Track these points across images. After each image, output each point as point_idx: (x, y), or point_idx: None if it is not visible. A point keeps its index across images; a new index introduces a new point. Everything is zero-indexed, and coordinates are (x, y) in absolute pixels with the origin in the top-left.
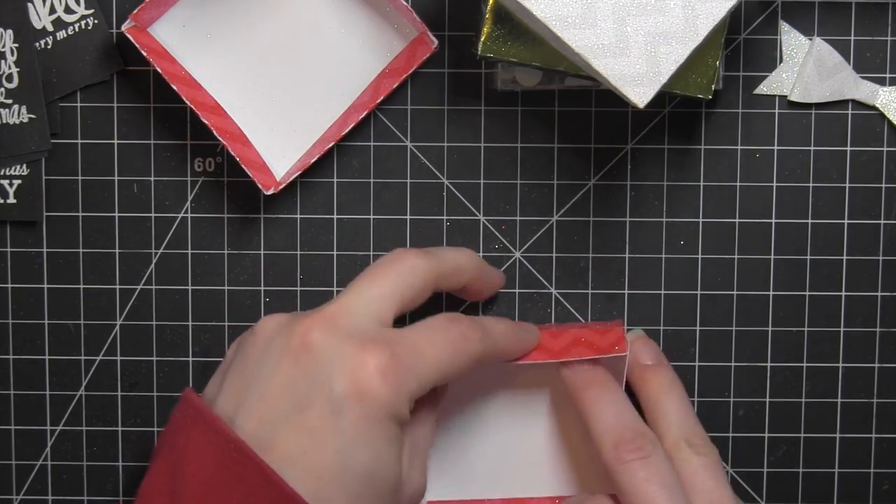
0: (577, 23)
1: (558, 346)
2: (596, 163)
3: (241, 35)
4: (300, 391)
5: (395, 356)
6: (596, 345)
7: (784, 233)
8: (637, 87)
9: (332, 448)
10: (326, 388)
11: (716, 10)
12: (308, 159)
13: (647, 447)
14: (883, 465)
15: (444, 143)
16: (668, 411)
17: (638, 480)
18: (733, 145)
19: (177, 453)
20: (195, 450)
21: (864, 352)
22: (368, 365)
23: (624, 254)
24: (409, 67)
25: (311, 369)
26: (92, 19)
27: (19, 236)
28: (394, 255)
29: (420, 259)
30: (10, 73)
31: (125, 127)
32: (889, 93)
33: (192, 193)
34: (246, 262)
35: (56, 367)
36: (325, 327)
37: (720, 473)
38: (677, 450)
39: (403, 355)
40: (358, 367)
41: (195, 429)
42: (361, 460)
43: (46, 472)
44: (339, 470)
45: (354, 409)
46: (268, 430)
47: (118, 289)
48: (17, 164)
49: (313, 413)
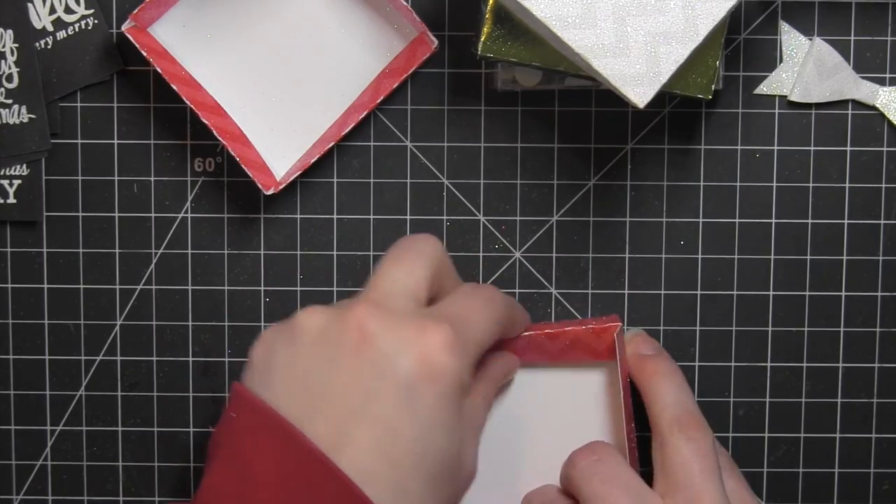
0: (577, 23)
1: (556, 349)
2: (596, 163)
3: (241, 35)
4: (367, 384)
5: (454, 329)
6: (593, 348)
7: (784, 233)
8: (637, 87)
9: (409, 435)
10: (395, 375)
11: (716, 10)
12: (308, 159)
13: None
14: (883, 465)
15: (444, 143)
16: (664, 395)
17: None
18: (733, 145)
19: (243, 458)
20: (265, 455)
21: (864, 352)
22: (433, 343)
23: (624, 254)
24: (409, 67)
25: (375, 359)
26: (92, 19)
27: (19, 236)
28: (409, 238)
29: (432, 239)
30: (10, 73)
31: (125, 127)
32: (889, 93)
33: (192, 193)
34: (246, 262)
35: (56, 367)
36: (378, 314)
37: (710, 461)
38: (669, 434)
39: (458, 327)
40: (424, 347)
41: (262, 432)
42: (439, 442)
43: (46, 472)
44: (419, 455)
45: (428, 390)
46: (340, 430)
47: (118, 289)
48: (17, 164)
49: (385, 403)
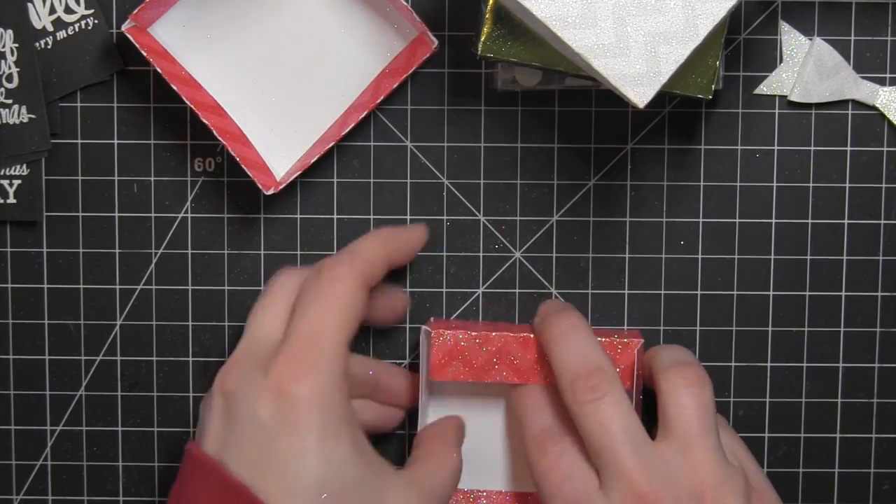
0: (577, 23)
1: None
2: (596, 163)
3: (241, 35)
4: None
5: (291, 358)
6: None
7: (784, 233)
8: (637, 87)
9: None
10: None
11: (716, 10)
12: (308, 159)
13: (604, 385)
14: (883, 465)
15: (444, 143)
16: (665, 351)
17: (593, 423)
18: (733, 145)
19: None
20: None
21: (864, 352)
22: (277, 382)
23: (624, 254)
24: (409, 67)
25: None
26: (92, 19)
27: (19, 236)
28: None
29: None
30: (10, 73)
31: (125, 127)
32: (889, 93)
33: (192, 193)
34: (246, 262)
35: (56, 367)
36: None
37: (706, 412)
38: (666, 381)
39: (298, 352)
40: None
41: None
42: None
43: (46, 472)
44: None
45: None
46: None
47: (118, 289)
48: (17, 164)
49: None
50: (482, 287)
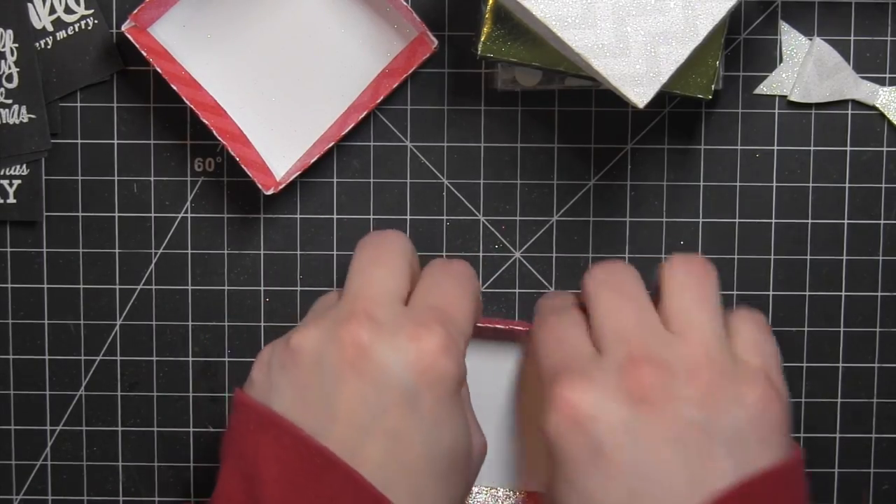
0: (577, 23)
1: None
2: (596, 163)
3: (241, 35)
4: (372, 400)
5: (444, 329)
6: None
7: (784, 233)
8: (637, 87)
9: (417, 441)
10: (398, 387)
11: (716, 10)
12: (308, 159)
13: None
14: (883, 465)
15: (444, 143)
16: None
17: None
18: (733, 145)
19: (246, 459)
20: (269, 455)
21: (864, 352)
22: (429, 350)
23: (624, 254)
24: (409, 67)
25: (375, 375)
26: (92, 19)
27: (19, 236)
28: (378, 235)
29: (399, 233)
30: (10, 73)
31: (125, 127)
32: (889, 93)
33: (192, 193)
34: (246, 262)
35: (56, 367)
36: (371, 327)
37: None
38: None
39: (447, 324)
40: (421, 354)
41: (263, 434)
42: (447, 440)
43: (46, 472)
44: (428, 459)
45: (431, 395)
46: (351, 446)
47: (118, 289)
48: (17, 164)
49: (392, 416)
50: (482, 287)
